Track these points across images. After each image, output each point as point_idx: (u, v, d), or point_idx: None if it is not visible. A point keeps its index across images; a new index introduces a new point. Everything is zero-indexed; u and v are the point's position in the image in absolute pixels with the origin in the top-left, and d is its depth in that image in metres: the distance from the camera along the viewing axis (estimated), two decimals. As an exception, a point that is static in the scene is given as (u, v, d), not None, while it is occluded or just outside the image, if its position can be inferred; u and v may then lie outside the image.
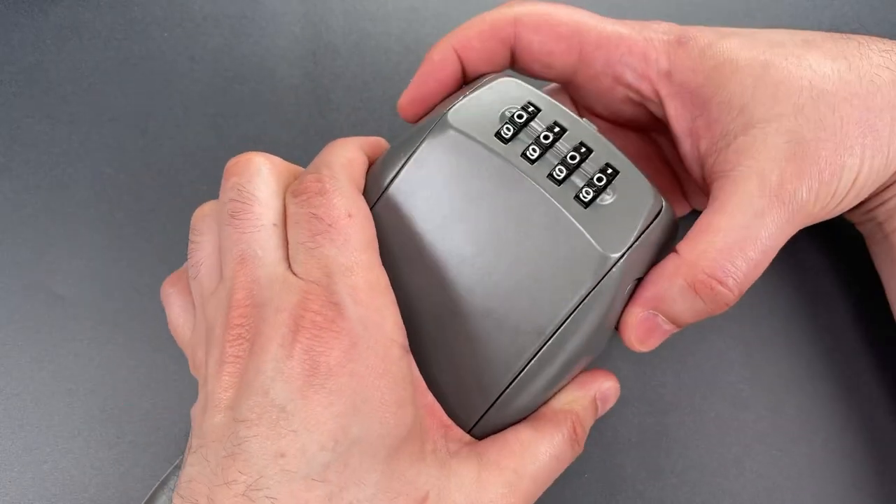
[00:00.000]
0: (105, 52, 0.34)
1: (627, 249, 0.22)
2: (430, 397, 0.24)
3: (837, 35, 0.25)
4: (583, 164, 0.23)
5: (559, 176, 0.23)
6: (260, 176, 0.24)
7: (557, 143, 0.23)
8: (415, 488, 0.21)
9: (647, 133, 0.29)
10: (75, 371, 0.31)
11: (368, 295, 0.22)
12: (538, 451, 0.24)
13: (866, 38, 0.25)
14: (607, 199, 0.23)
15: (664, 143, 0.29)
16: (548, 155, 0.23)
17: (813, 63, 0.23)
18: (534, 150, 0.23)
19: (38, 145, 0.33)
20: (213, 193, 0.33)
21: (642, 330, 0.24)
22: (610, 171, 0.23)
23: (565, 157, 0.23)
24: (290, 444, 0.20)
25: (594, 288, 0.22)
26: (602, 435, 0.30)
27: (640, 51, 0.25)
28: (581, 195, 0.23)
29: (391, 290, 0.23)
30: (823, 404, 0.30)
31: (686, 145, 0.25)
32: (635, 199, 0.23)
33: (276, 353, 0.21)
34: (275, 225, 0.23)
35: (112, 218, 0.32)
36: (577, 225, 0.22)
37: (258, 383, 0.21)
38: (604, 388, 0.26)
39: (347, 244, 0.22)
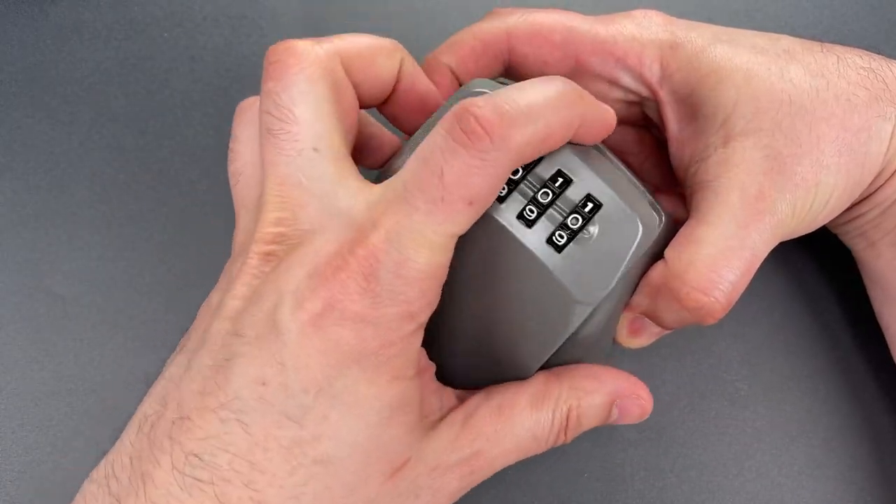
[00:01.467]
0: (105, 52, 0.34)
1: (612, 289, 0.22)
2: (426, 360, 0.22)
3: (816, 46, 0.25)
4: (558, 200, 0.22)
5: (530, 217, 0.21)
6: (297, 87, 0.21)
7: (529, 177, 0.22)
8: (397, 455, 0.20)
9: (644, 128, 0.29)
10: (75, 371, 0.31)
11: (417, 273, 0.20)
12: (522, 423, 0.22)
13: (844, 51, 0.25)
14: (586, 235, 0.22)
15: (661, 137, 0.30)
16: (518, 192, 0.22)
17: (794, 77, 0.24)
18: (503, 186, 0.21)
19: (38, 145, 0.33)
20: (213, 193, 0.33)
21: (631, 330, 0.25)
22: (590, 206, 0.22)
23: (536, 194, 0.22)
24: (274, 374, 0.19)
25: (577, 330, 0.22)
26: (601, 434, 0.30)
27: (635, 55, 0.25)
28: (555, 238, 0.21)
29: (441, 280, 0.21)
30: (822, 402, 0.30)
31: (673, 150, 0.26)
32: (619, 233, 0.22)
33: (301, 281, 0.19)
34: (316, 150, 0.21)
35: (112, 218, 0.32)
36: (552, 272, 0.21)
37: (269, 301, 0.20)
38: (627, 401, 0.24)
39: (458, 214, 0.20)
